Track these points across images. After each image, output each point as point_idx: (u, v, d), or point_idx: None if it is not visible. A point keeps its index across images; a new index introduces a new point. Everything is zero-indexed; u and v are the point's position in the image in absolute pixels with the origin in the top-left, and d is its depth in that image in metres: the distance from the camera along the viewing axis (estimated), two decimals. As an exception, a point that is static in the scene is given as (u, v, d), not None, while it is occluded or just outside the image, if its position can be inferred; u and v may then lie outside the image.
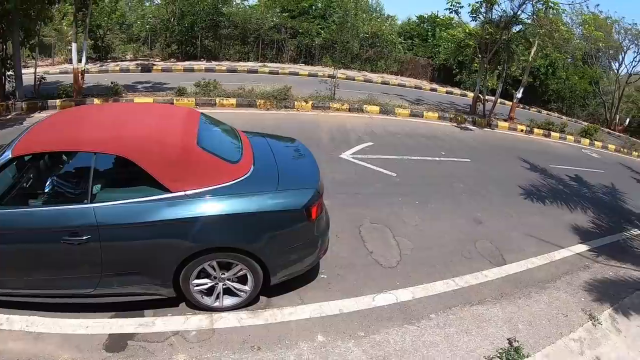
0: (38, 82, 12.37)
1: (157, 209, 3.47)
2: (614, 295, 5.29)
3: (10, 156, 3.45)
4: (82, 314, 3.85)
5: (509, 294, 4.98)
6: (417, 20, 27.82)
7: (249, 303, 4.02)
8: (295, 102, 12.49)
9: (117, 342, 3.64)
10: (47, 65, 13.85)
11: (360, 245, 5.34)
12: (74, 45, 11.48)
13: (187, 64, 20.22)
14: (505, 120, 14.88)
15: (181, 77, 17.05)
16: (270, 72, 19.60)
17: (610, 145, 16.29)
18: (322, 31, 22.94)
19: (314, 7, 23.78)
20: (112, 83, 12.66)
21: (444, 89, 21.44)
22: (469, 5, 13.98)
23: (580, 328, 4.51)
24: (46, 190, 3.92)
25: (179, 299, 3.93)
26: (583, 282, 5.54)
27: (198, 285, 3.78)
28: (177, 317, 3.91)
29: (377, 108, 12.87)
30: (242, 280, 3.85)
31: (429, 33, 26.40)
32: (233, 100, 12.12)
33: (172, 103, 11.79)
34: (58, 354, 3.49)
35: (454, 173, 8.89)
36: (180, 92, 12.33)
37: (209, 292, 3.87)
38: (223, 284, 3.85)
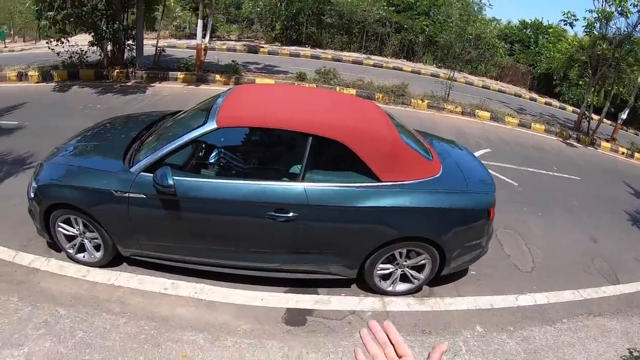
0: (158, 54, 13.19)
1: (365, 195, 3.59)
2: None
3: (216, 126, 3.53)
4: (252, 286, 4.11)
5: (623, 311, 5.48)
6: (519, 25, 27.01)
7: (414, 291, 4.36)
8: (412, 100, 12.70)
9: (296, 317, 3.88)
10: (153, 39, 14.80)
11: (499, 248, 5.99)
12: (199, 22, 12.03)
13: (292, 48, 21.04)
14: (607, 141, 14.72)
15: (288, 61, 17.84)
16: (375, 65, 20.13)
17: None
18: (427, 28, 23.06)
19: (418, 3, 23.74)
20: (233, 61, 13.42)
21: (543, 100, 21.05)
22: (584, 19, 13.72)
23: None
24: (252, 165, 4.08)
25: (350, 280, 4.21)
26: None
27: (381, 269, 3.99)
28: (351, 297, 4.20)
29: (487, 114, 13.03)
30: (419, 268, 4.08)
31: (531, 40, 25.66)
32: (353, 91, 12.38)
33: None
34: (236, 324, 3.71)
35: (567, 189, 9.21)
36: (301, 77, 12.95)
37: (386, 277, 4.09)
38: (401, 271, 4.06)
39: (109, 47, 12.39)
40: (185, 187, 3.50)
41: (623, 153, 14.30)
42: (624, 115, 14.76)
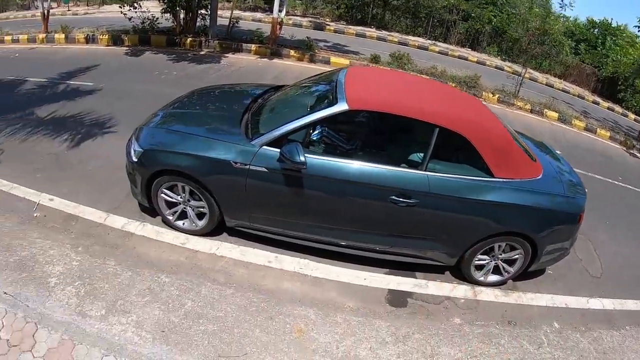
0: (231, 25, 13.34)
1: (479, 189, 3.76)
2: None
3: (347, 108, 3.59)
4: (353, 265, 4.28)
5: None
6: (586, 24, 26.20)
7: (500, 283, 4.60)
8: (483, 92, 12.60)
9: (397, 298, 4.08)
10: (223, 9, 15.13)
11: (573, 252, 6.34)
12: None
13: (358, 28, 21.16)
14: (675, 157, 14.52)
15: (354, 41, 17.98)
16: (440, 52, 20.14)
17: None
18: (494, 19, 22.75)
19: (487, -8, 22.94)
20: (307, 38, 13.62)
21: (606, 104, 20.59)
22: (662, 26, 12.87)
23: None
24: (376, 149, 4.16)
25: (444, 267, 4.44)
26: None
27: (479, 260, 4.19)
28: (446, 283, 4.43)
29: (555, 114, 12.93)
30: (511, 262, 4.30)
31: (599, 40, 24.90)
32: (428, 78, 12.61)
33: None
34: (342, 301, 3.87)
35: (632, 201, 9.35)
36: (375, 59, 13.08)
37: (480, 267, 4.31)
38: (495, 263, 4.27)
39: (182, 15, 12.69)
40: (312, 164, 3.53)
41: (687, 171, 14.07)
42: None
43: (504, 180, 3.83)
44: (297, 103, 4.29)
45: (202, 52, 11.80)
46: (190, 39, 12.15)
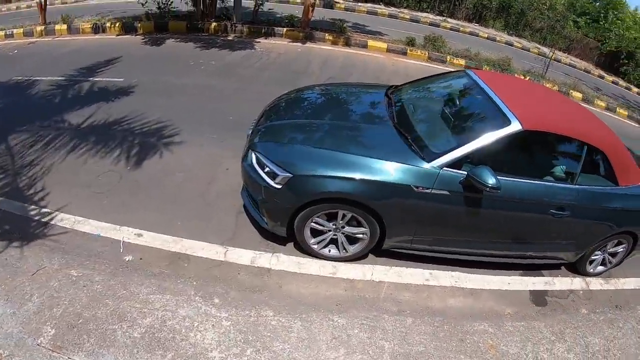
0: (257, 7, 12.55)
1: (611, 197, 4.18)
2: None
3: (521, 128, 3.63)
4: (490, 271, 4.47)
5: None
6: (588, -3, 26.39)
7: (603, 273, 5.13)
8: (515, 74, 12.66)
9: (538, 298, 4.38)
10: None
11: None
12: None
13: (368, 5, 20.92)
14: (683, 131, 15.49)
15: (369, 19, 17.73)
16: (452, 29, 20.39)
17: None
18: (501, -7, 23.03)
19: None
20: (339, 20, 13.40)
21: (610, 78, 21.28)
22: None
23: None
24: (537, 165, 4.22)
25: (562, 263, 4.90)
26: None
27: (594, 255, 4.71)
28: (565, 278, 4.84)
29: (580, 95, 13.40)
30: (614, 254, 4.89)
31: (601, 14, 25.41)
32: (462, 62, 12.70)
33: (405, 53, 12.80)
34: (501, 309, 4.06)
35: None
36: (411, 42, 13.05)
37: (592, 261, 4.80)
38: (603, 256, 4.85)
39: None
40: (506, 186, 3.59)
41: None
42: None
43: (627, 187, 4.28)
44: (448, 115, 4.26)
45: (229, 38, 11.12)
46: (215, 23, 11.41)
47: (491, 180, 3.40)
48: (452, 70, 5.16)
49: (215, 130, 6.09)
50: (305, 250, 4.01)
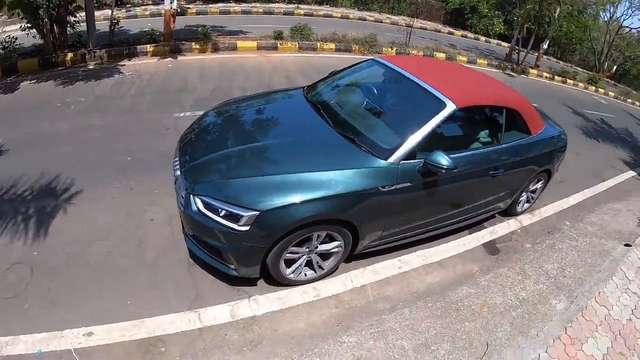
0: (112, 27, 11.23)
1: (529, 146, 4.85)
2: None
3: (456, 107, 3.92)
4: (445, 239, 4.91)
5: (617, 197, 8.09)
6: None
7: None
8: (383, 48, 13.82)
9: (491, 248, 5.06)
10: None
11: None
12: None
13: (220, 6, 20.21)
14: (532, 68, 17.95)
15: (221, 19, 17.07)
16: (306, 14, 21.03)
17: (610, 92, 20.02)
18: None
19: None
20: (202, 27, 12.42)
21: (459, 33, 23.78)
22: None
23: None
24: (471, 136, 4.60)
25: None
26: None
27: (521, 197, 5.50)
28: (502, 223, 5.66)
29: (443, 55, 14.99)
30: (534, 191, 5.72)
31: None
32: (332, 45, 13.19)
33: (276, 48, 12.72)
34: (469, 269, 4.62)
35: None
36: (279, 35, 13.01)
37: (520, 202, 5.60)
38: (527, 195, 5.66)
39: (50, 28, 10.12)
40: (457, 163, 3.83)
41: (546, 77, 17.60)
42: (545, 46, 18.08)
43: (537, 134, 5.01)
44: (383, 108, 4.48)
45: (90, 67, 9.86)
46: (70, 54, 9.98)
47: (446, 162, 3.62)
48: (359, 61, 5.25)
49: (117, 177, 5.09)
50: (279, 281, 3.75)
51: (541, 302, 4.39)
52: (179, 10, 12.02)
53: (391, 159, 3.65)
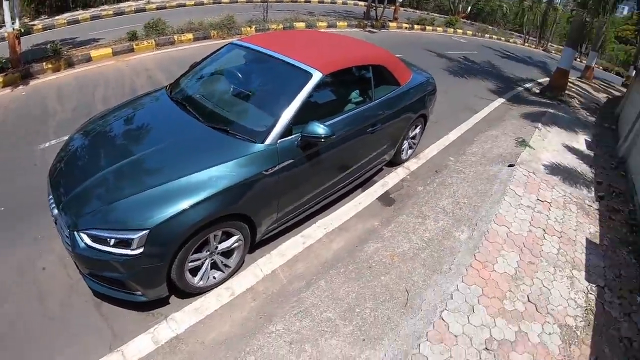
0: None
1: (401, 96, 5.11)
2: (536, 118, 9.50)
3: (322, 74, 3.95)
4: (340, 204, 5.02)
5: (492, 124, 8.77)
6: None
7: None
8: (242, 29, 13.54)
9: (386, 200, 5.29)
10: None
11: None
12: (5, 3, 9.48)
13: (67, 16, 18.65)
14: (391, 21, 18.71)
15: (73, 30, 15.49)
16: (159, 8, 20.02)
17: (468, 32, 21.50)
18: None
19: None
20: (52, 43, 11.03)
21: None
22: None
23: (536, 129, 8.56)
24: (344, 98, 4.63)
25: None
26: (517, 115, 9.71)
27: (403, 145, 5.75)
28: (392, 174, 5.86)
29: (303, 24, 15.01)
30: (414, 137, 6.07)
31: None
32: (190, 35, 12.89)
33: (133, 49, 11.90)
34: (371, 225, 4.76)
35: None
36: (134, 36, 12.24)
37: (403, 151, 5.85)
38: (408, 142, 5.93)
39: None
40: (335, 129, 3.86)
41: (407, 27, 18.44)
42: (400, -1, 18.74)
43: (406, 84, 5.31)
44: (252, 91, 4.33)
45: None
46: None
47: (323, 131, 3.62)
48: (219, 47, 4.96)
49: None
50: (190, 292, 3.59)
51: (445, 237, 4.59)
52: (22, 30, 10.62)
53: (268, 141, 3.57)
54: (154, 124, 4.09)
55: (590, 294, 4.24)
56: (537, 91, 13.17)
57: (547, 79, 14.48)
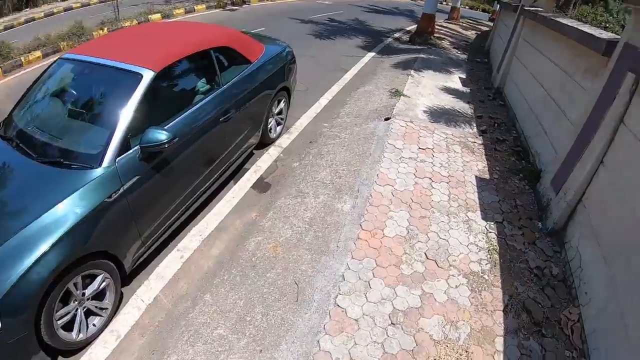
0: None
1: (251, 76, 4.77)
2: (408, 66, 9.45)
3: (153, 72, 3.54)
4: (214, 201, 4.56)
5: (364, 80, 8.58)
6: None
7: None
8: (94, 33, 12.32)
9: (261, 186, 4.87)
10: None
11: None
12: None
13: None
14: (250, -4, 18.01)
15: None
16: (6, 28, 18.11)
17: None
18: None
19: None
20: None
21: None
22: None
23: (409, 77, 8.47)
24: (188, 90, 4.25)
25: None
26: (389, 66, 9.61)
27: (271, 124, 5.49)
28: (265, 156, 5.40)
29: (159, 15, 14.05)
30: (280, 112, 5.78)
31: None
32: (38, 53, 11.11)
33: None
34: (248, 218, 4.32)
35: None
36: None
37: (271, 129, 5.55)
38: (274, 120, 5.62)
39: None
40: (178, 131, 3.56)
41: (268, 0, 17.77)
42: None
43: (257, 60, 4.96)
44: (80, 109, 3.68)
45: None
46: None
47: (164, 136, 3.24)
48: (48, 66, 4.16)
49: None
50: (73, 349, 3.12)
51: (328, 212, 4.15)
52: None
53: (105, 163, 3.12)
54: None
55: (490, 232, 4.06)
56: (407, 39, 13.20)
57: (415, 25, 14.56)
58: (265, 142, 5.54)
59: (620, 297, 2.83)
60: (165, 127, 3.44)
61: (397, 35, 13.93)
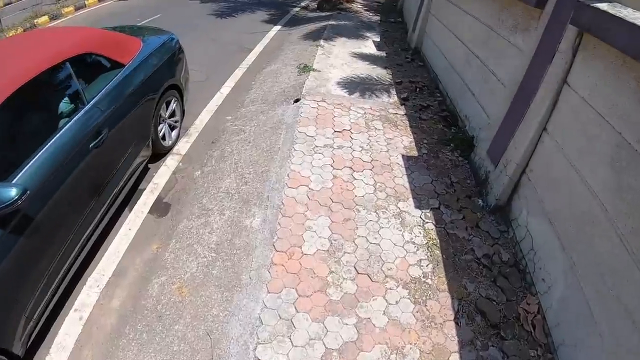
0: None
1: (126, 81, 4.00)
2: (317, 36, 8.80)
3: None
4: (107, 240, 3.78)
5: (271, 58, 7.88)
6: None
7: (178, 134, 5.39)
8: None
9: (159, 210, 4.13)
10: None
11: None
12: None
13: None
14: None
15: None
16: None
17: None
18: None
19: None
20: None
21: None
22: None
23: (319, 48, 7.82)
24: (54, 112, 3.51)
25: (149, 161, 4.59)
26: (296, 38, 8.94)
27: (160, 131, 4.71)
28: (159, 171, 4.62)
29: (46, 17, 12.62)
30: (173, 114, 4.96)
31: None
32: None
33: None
34: (149, 251, 3.66)
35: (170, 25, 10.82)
36: None
37: (163, 138, 4.76)
38: (166, 123, 4.87)
39: None
40: (28, 180, 2.82)
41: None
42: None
43: (132, 60, 4.20)
44: None
45: None
46: None
47: (13, 192, 2.48)
48: None
49: None
50: None
51: (236, 233, 3.50)
52: None
53: None
54: None
55: (427, 222, 3.59)
56: (315, 6, 12.58)
57: (323, -9, 13.91)
58: (160, 152, 4.76)
59: (583, 282, 2.49)
60: (16, 178, 2.72)
61: (304, 3, 13.22)
